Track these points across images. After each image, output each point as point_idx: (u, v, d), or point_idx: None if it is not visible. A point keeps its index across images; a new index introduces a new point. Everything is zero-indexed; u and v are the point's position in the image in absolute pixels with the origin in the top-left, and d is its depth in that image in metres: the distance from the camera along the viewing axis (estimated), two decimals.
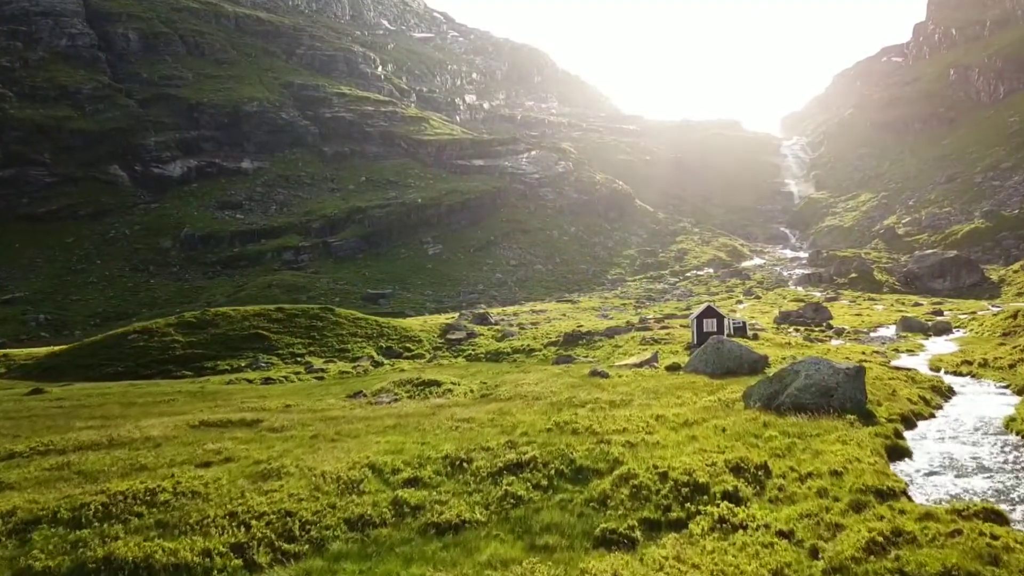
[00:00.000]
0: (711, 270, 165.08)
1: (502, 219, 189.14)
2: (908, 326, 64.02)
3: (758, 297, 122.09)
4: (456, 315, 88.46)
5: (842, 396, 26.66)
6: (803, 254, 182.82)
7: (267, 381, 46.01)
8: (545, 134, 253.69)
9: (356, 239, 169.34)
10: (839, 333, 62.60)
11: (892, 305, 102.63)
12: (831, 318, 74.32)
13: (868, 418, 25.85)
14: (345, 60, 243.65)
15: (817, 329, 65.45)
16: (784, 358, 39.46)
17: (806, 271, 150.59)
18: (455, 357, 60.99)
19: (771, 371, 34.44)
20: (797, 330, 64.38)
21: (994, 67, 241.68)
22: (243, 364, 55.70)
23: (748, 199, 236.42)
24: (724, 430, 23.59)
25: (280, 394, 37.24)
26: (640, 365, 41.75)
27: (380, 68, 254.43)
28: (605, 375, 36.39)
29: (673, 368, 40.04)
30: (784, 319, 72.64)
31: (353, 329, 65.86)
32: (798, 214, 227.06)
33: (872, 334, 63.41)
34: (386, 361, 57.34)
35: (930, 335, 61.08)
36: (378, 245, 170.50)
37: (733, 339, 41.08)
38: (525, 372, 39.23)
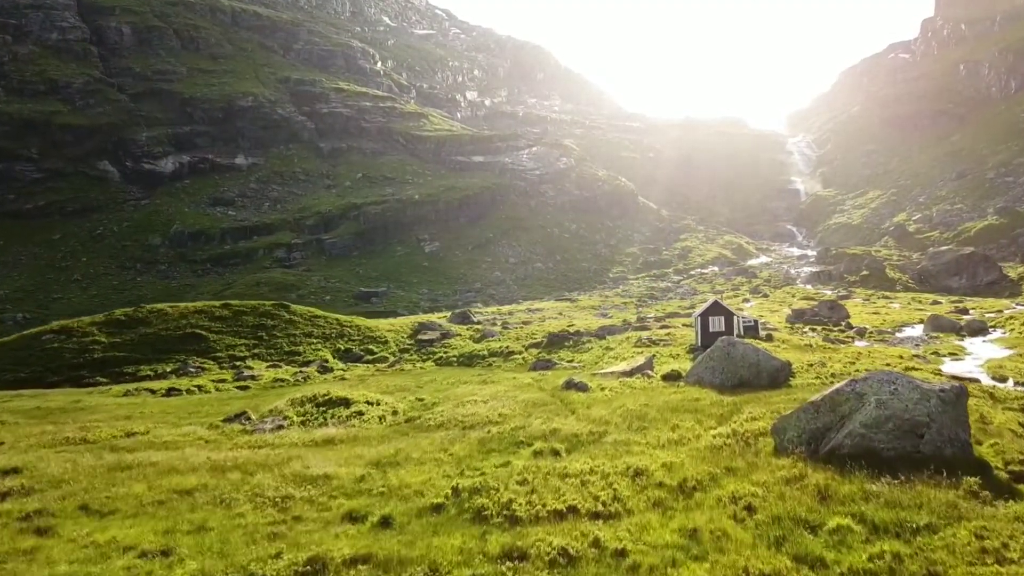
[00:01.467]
0: (716, 268, 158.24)
1: (502, 216, 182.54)
2: (938, 325, 57.19)
3: (765, 295, 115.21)
4: (444, 314, 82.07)
5: (938, 436, 17.04)
6: (811, 252, 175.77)
7: (171, 392, 39.06)
8: (547, 131, 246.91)
9: (351, 236, 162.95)
10: (861, 333, 55.72)
11: (909, 303, 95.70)
12: (848, 317, 67.56)
13: (984, 474, 16.04)
14: (343, 56, 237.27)
15: (836, 329, 58.63)
16: (810, 364, 32.72)
17: (815, 269, 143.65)
18: (424, 360, 54.55)
19: (797, 383, 27.88)
20: (813, 330, 57.58)
21: (1005, 62, 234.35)
22: (169, 369, 48.59)
23: (753, 197, 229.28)
24: (751, 510, 14.30)
25: (156, 413, 30.67)
26: (630, 373, 34.24)
27: (379, 64, 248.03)
28: (583, 387, 29.79)
29: (671, 378, 32.94)
30: (798, 318, 65.78)
31: (308, 329, 58.99)
32: (805, 212, 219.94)
33: (898, 334, 56.59)
34: (341, 365, 50.59)
35: (964, 335, 54.31)
36: (373, 243, 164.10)
37: (746, 341, 34.73)
38: (487, 382, 32.84)
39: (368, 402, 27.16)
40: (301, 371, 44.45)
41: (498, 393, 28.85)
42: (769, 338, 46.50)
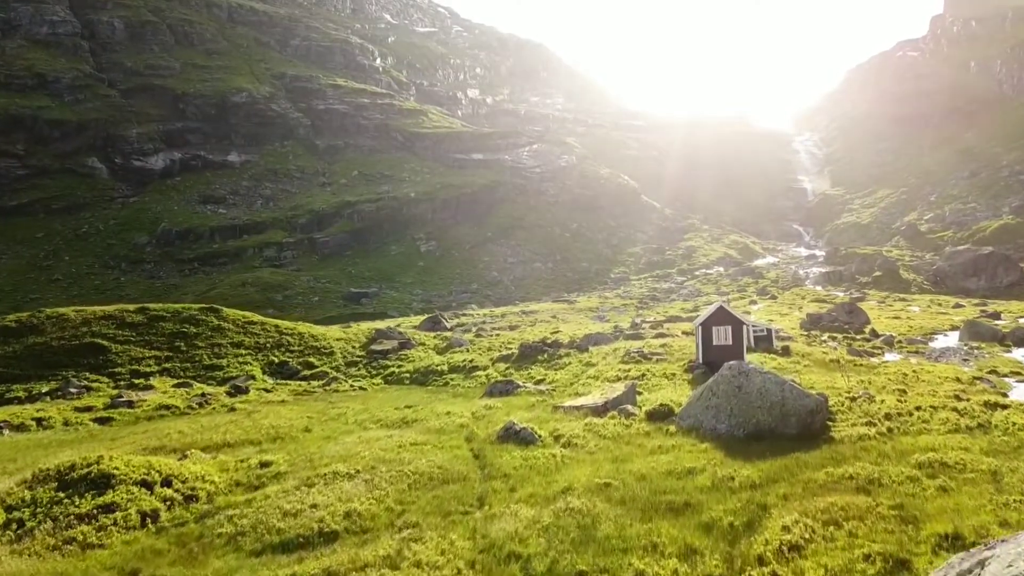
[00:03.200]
0: (721, 269, 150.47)
1: (501, 215, 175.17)
2: (977, 333, 49.47)
3: (774, 297, 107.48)
4: (418, 317, 74.64)
5: None
6: (819, 252, 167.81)
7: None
8: (549, 129, 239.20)
9: (344, 235, 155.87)
10: (889, 343, 47.94)
11: (929, 306, 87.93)
12: (868, 322, 59.88)
13: None
14: (342, 52, 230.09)
15: (859, 337, 50.94)
16: (850, 397, 24.11)
17: (824, 269, 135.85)
18: (372, 376, 47.19)
19: (841, 433, 19.91)
20: (833, 338, 49.96)
21: (1018, 59, 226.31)
22: (45, 390, 39.99)
23: (759, 196, 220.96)
24: None
25: None
26: (603, 409, 24.66)
27: (379, 61, 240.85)
28: (528, 438, 21.21)
29: (659, 416, 24.07)
30: (813, 323, 58.09)
31: (239, 338, 51.10)
32: (812, 211, 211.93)
33: (932, 344, 48.87)
34: (270, 383, 42.74)
35: (1010, 345, 46.57)
36: (367, 242, 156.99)
37: (764, 367, 25.17)
38: (406, 422, 25.08)
39: (145, 482, 17.18)
40: (204, 396, 35.79)
41: (394, 450, 20.76)
42: (786, 351, 38.86)
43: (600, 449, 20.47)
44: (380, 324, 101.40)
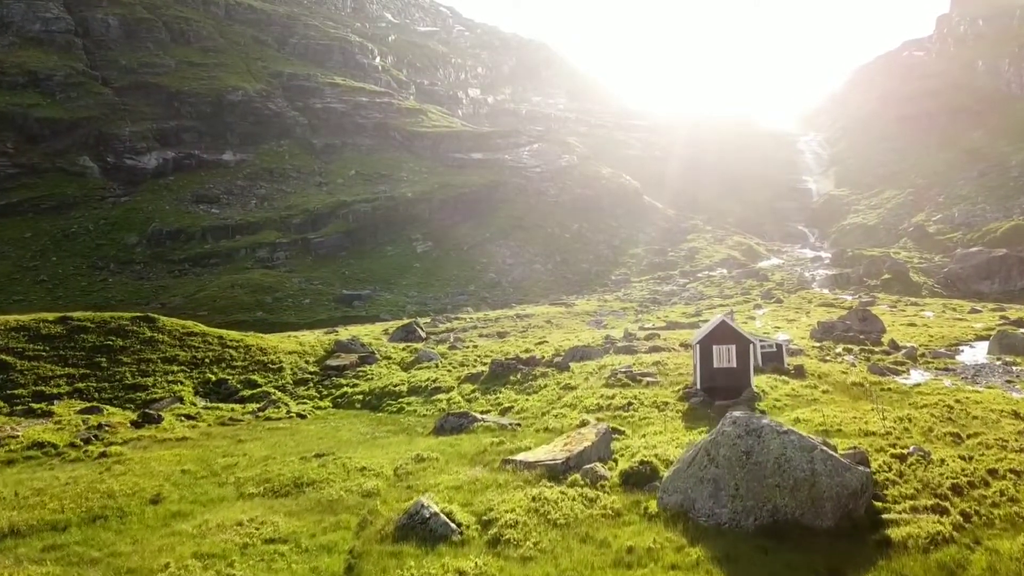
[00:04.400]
0: (724, 270, 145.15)
1: (500, 215, 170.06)
2: (1010, 346, 44.05)
3: (779, 301, 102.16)
4: (397, 322, 69.58)
5: None
6: (824, 253, 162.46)
7: None
8: (551, 128, 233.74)
9: (338, 235, 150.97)
10: (912, 357, 42.62)
11: (943, 312, 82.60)
12: (884, 330, 54.68)
13: None
14: (340, 50, 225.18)
15: (877, 350, 45.64)
16: (898, 456, 18.28)
17: (831, 272, 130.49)
18: (321, 397, 41.56)
19: (899, 531, 13.92)
20: (848, 350, 44.74)
21: None
22: None
23: (763, 196, 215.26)
24: None
25: None
26: (565, 468, 18.45)
27: (378, 59, 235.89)
28: (438, 534, 15.11)
29: (638, 481, 18.19)
30: (825, 333, 52.80)
31: (174, 351, 45.16)
32: (817, 212, 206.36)
33: (960, 358, 43.66)
34: (200, 405, 37.11)
35: None
36: (362, 242, 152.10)
37: (783, 427, 17.26)
38: (299, 487, 18.97)
39: None
40: (101, 428, 29.06)
41: (224, 559, 14.55)
42: (799, 372, 33.41)
43: (542, 554, 14.21)
44: (372, 328, 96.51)
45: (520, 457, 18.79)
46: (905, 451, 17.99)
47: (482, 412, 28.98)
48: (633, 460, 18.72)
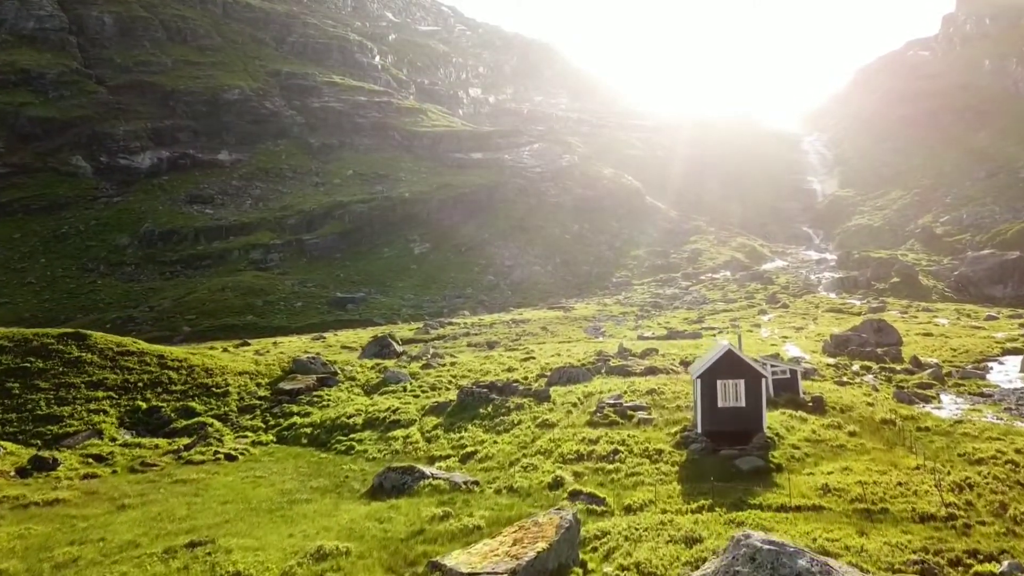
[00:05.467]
0: (728, 273, 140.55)
1: (499, 216, 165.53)
2: None
3: (785, 306, 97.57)
4: (373, 330, 64.89)
5: None
6: (830, 255, 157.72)
7: None
8: (552, 128, 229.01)
9: (334, 236, 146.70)
10: (939, 378, 37.88)
11: (958, 319, 77.99)
12: (901, 342, 50.14)
13: None
14: (339, 49, 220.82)
15: (898, 368, 40.98)
16: None
17: (837, 275, 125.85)
18: (266, 429, 36.50)
19: None
20: (867, 368, 40.27)
21: None
22: None
23: (767, 197, 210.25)
24: None
25: None
26: None
27: (378, 58, 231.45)
28: None
29: None
30: (839, 346, 48.22)
31: (103, 374, 39.44)
32: (821, 213, 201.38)
33: (990, 377, 39.17)
34: (120, 441, 32.07)
35: None
36: (358, 244, 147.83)
37: (805, 550, 11.99)
38: None
39: None
40: None
41: None
42: (818, 405, 28.15)
43: None
44: (360, 334, 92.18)
45: (451, 564, 14.09)
46: (997, 573, 13.03)
47: (439, 459, 24.54)
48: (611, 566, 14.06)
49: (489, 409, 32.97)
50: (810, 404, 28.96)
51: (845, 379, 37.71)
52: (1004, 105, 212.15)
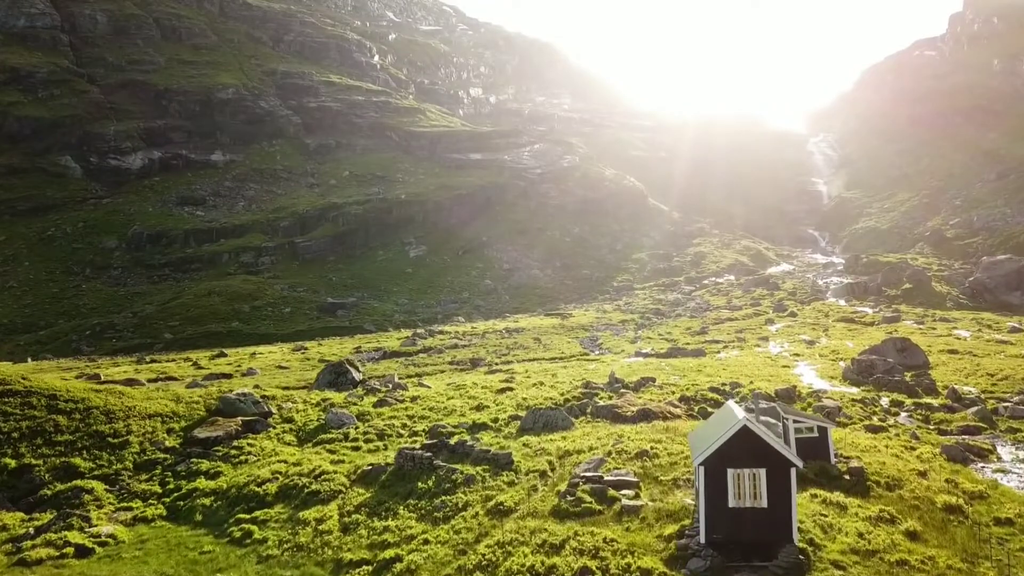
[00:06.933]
0: (732, 277, 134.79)
1: (498, 218, 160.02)
2: None
3: (793, 314, 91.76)
4: (343, 342, 59.19)
5: None
6: (837, 259, 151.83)
7: None
8: (554, 129, 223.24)
9: (327, 239, 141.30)
10: (987, 419, 31.59)
11: (980, 331, 72.15)
12: (928, 364, 44.47)
13: None
14: (337, 48, 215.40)
15: (936, 404, 34.76)
16: None
17: (846, 280, 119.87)
18: (161, 496, 28.97)
19: None
20: (899, 404, 34.36)
21: None
22: None
23: (772, 199, 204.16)
24: None
25: None
26: None
27: (377, 57, 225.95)
28: None
29: None
30: (863, 374, 42.28)
31: None
32: (827, 215, 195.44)
33: None
34: None
35: None
36: (352, 246, 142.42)
37: None
38: None
39: None
40: None
41: None
42: (859, 481, 20.35)
43: None
44: (345, 345, 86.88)
45: None
46: None
47: (348, 567, 18.91)
48: None
49: (431, 483, 25.90)
50: (847, 477, 22.84)
51: (876, 419, 32.03)
52: (1014, 105, 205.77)
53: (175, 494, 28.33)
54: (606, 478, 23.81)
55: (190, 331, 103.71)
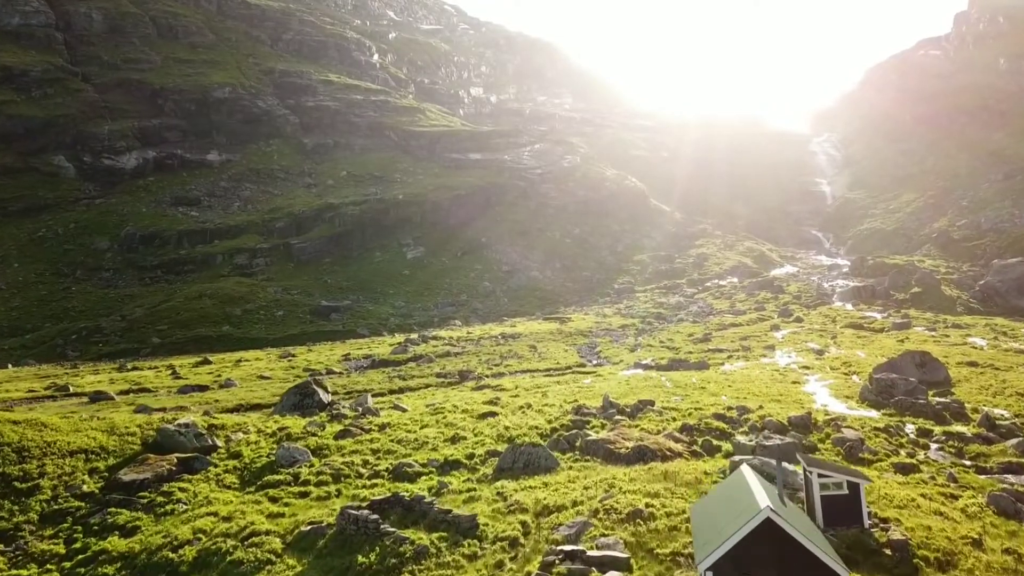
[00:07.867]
0: (735, 279, 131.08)
1: (497, 219, 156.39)
2: None
3: (799, 320, 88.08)
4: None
5: None
6: (842, 260, 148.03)
7: None
8: (555, 128, 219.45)
9: (323, 240, 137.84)
10: None
11: (995, 339, 68.53)
12: (949, 379, 40.86)
13: None
14: (336, 47, 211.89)
15: (969, 433, 31.17)
16: None
17: (852, 283, 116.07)
18: (60, 562, 23.67)
19: None
20: (927, 433, 30.53)
21: None
22: None
23: (775, 199, 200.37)
24: None
25: None
26: None
27: (376, 57, 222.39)
28: None
29: None
30: (883, 394, 38.47)
31: None
32: (831, 216, 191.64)
33: None
34: None
35: None
36: (349, 248, 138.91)
37: None
38: None
39: None
40: None
41: None
42: (903, 557, 16.13)
43: None
44: (334, 352, 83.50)
45: None
46: None
47: None
48: None
49: (373, 557, 21.28)
50: (888, 552, 18.36)
51: (904, 454, 28.36)
52: (1020, 105, 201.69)
53: (79, 556, 24.10)
54: (589, 553, 19.56)
55: (179, 335, 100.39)
